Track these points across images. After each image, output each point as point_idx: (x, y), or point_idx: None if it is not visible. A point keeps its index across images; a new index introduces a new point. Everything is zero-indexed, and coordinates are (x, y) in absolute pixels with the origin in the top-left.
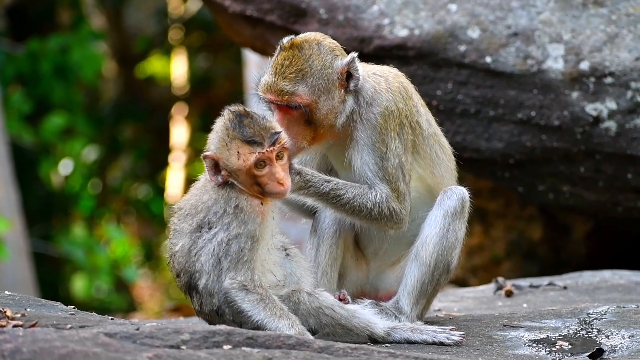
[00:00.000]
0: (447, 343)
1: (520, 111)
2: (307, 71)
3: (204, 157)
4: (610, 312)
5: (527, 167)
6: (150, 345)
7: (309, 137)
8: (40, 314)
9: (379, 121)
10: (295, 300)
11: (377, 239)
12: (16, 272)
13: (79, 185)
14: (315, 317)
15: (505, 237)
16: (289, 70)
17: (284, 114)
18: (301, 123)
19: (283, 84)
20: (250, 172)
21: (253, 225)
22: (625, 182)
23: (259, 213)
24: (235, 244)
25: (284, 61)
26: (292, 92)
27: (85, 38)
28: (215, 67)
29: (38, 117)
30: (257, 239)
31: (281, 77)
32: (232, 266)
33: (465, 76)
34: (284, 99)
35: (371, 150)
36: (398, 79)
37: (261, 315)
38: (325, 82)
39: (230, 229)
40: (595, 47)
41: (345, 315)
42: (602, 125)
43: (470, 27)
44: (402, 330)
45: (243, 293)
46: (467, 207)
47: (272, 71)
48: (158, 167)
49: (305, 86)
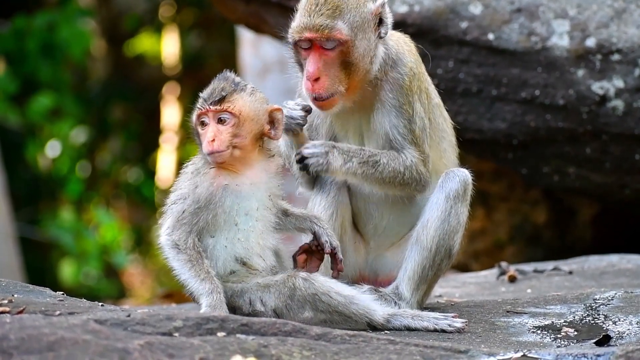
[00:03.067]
0: (449, 330)
1: (524, 90)
2: (343, 7)
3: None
4: (618, 297)
5: (531, 148)
6: (142, 332)
7: (345, 83)
8: (28, 300)
9: (406, 82)
10: (291, 286)
11: (377, 216)
12: (2, 258)
13: (67, 168)
14: (312, 303)
15: (508, 220)
16: (325, 7)
17: (320, 54)
18: (337, 65)
19: (321, 19)
20: (195, 128)
21: (201, 190)
22: (632, 163)
23: (213, 181)
24: (180, 204)
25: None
26: (331, 26)
27: (73, 15)
28: (207, 45)
29: (24, 97)
30: (203, 205)
31: (317, 14)
32: (170, 224)
33: (467, 54)
34: (323, 34)
35: (399, 112)
36: (412, 42)
37: (186, 275)
38: (362, 20)
39: (180, 189)
40: (601, 23)
41: (342, 302)
42: (609, 104)
43: (472, 2)
44: (402, 317)
45: (174, 251)
46: (470, 189)
47: (305, 11)
48: (149, 150)
49: (343, 22)
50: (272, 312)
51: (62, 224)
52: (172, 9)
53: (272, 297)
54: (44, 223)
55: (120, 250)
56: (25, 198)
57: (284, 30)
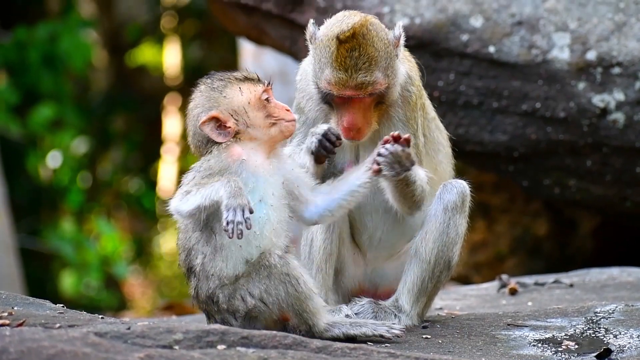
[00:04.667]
0: (387, 336)
1: (524, 103)
2: (376, 55)
3: (202, 125)
4: (619, 310)
5: (532, 160)
6: (142, 345)
7: (377, 118)
8: (28, 313)
9: (413, 99)
10: (266, 264)
11: (371, 226)
12: (2, 268)
13: (67, 179)
14: (282, 284)
15: (509, 232)
16: (361, 60)
17: (358, 106)
18: (372, 107)
19: (361, 77)
20: (260, 102)
21: (215, 162)
22: (633, 176)
23: (230, 154)
24: (192, 173)
25: (351, 53)
26: (372, 81)
27: (75, 26)
28: (209, 56)
29: (26, 108)
30: (216, 172)
31: (354, 69)
32: (179, 192)
33: (468, 66)
34: (366, 91)
35: (405, 127)
36: (411, 56)
37: (197, 199)
38: (390, 59)
39: (199, 167)
40: (602, 36)
41: (305, 293)
42: (610, 117)
43: (473, 15)
44: (341, 325)
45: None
46: (468, 201)
47: (340, 66)
48: (150, 160)
49: (379, 71)
50: (260, 302)
51: (62, 235)
52: (174, 20)
53: (254, 284)
54: (45, 234)
55: (121, 261)
56: (26, 209)
57: (315, 76)
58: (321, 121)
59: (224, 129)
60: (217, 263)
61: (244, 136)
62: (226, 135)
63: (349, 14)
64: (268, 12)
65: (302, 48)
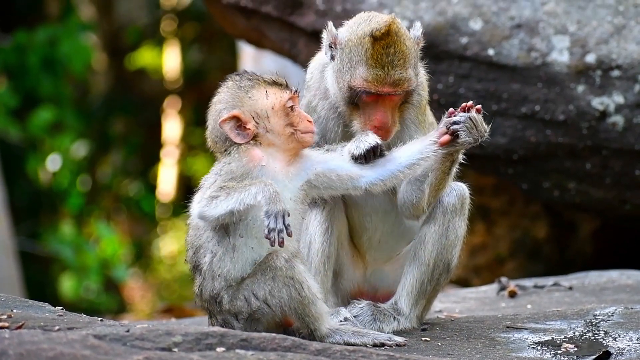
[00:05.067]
0: (388, 344)
1: (524, 105)
2: (408, 52)
3: (222, 122)
4: (618, 313)
5: (531, 163)
6: (141, 348)
7: (401, 116)
8: (27, 315)
9: (422, 102)
10: (272, 265)
11: (371, 228)
12: (2, 272)
13: (67, 182)
14: (286, 287)
15: (509, 235)
16: (397, 57)
17: (389, 103)
18: (399, 105)
19: (398, 73)
20: (284, 109)
21: (237, 166)
22: (633, 179)
23: (251, 158)
24: (212, 177)
25: (387, 50)
26: (407, 78)
27: (74, 29)
28: (209, 59)
29: (25, 111)
30: (238, 177)
31: (390, 66)
32: (200, 196)
33: (467, 69)
34: (403, 87)
35: (417, 127)
36: None
37: (230, 204)
38: (417, 57)
39: (219, 170)
40: (601, 39)
41: (309, 298)
42: (609, 119)
43: (472, 18)
44: (343, 332)
45: (203, 218)
46: (467, 203)
47: (376, 63)
48: (150, 163)
49: (411, 68)
50: (263, 304)
51: (62, 238)
52: (173, 23)
53: (260, 285)
54: (45, 237)
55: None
56: (25, 212)
57: (341, 77)
58: (333, 120)
59: (243, 129)
60: (225, 264)
61: (262, 140)
62: (244, 137)
63: (371, 14)
64: (267, 15)
65: (302, 50)
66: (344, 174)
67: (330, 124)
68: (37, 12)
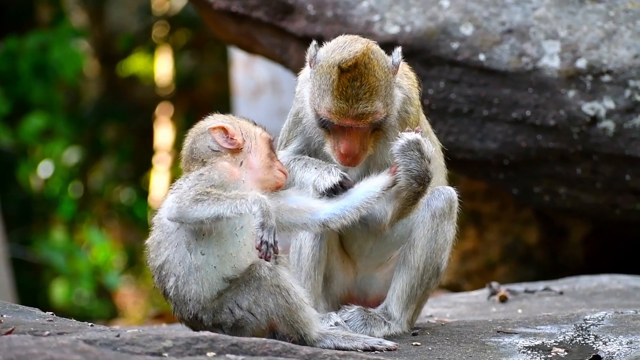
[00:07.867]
0: (379, 348)
1: (514, 110)
2: (377, 85)
3: (211, 129)
4: (608, 317)
5: (522, 168)
6: (131, 353)
7: (372, 143)
8: (17, 321)
9: (411, 118)
10: (256, 276)
11: (361, 237)
12: None
13: (59, 189)
14: (272, 295)
15: (500, 240)
16: (362, 90)
17: (357, 132)
18: (369, 134)
19: (362, 107)
20: (269, 143)
21: (219, 176)
22: (623, 184)
23: (231, 174)
24: (190, 181)
25: (352, 82)
26: (372, 112)
27: (66, 36)
28: (200, 66)
29: (17, 118)
30: (217, 185)
31: (355, 99)
32: (172, 199)
33: (458, 74)
34: (366, 121)
35: None
36: (409, 69)
37: (216, 209)
38: (390, 87)
39: (198, 176)
40: (592, 44)
41: (296, 304)
42: (600, 125)
43: (463, 23)
44: (333, 337)
45: (178, 220)
46: (456, 207)
47: (340, 95)
48: (142, 170)
49: (379, 100)
50: (248, 313)
51: (54, 245)
52: (165, 30)
53: (243, 295)
54: (36, 244)
55: (112, 270)
56: (17, 219)
57: (313, 101)
58: (317, 132)
59: (230, 139)
60: (191, 287)
61: (243, 159)
62: (232, 144)
63: (350, 39)
64: (258, 20)
65: (293, 56)
66: (302, 205)
67: (315, 135)
68: (28, 18)
